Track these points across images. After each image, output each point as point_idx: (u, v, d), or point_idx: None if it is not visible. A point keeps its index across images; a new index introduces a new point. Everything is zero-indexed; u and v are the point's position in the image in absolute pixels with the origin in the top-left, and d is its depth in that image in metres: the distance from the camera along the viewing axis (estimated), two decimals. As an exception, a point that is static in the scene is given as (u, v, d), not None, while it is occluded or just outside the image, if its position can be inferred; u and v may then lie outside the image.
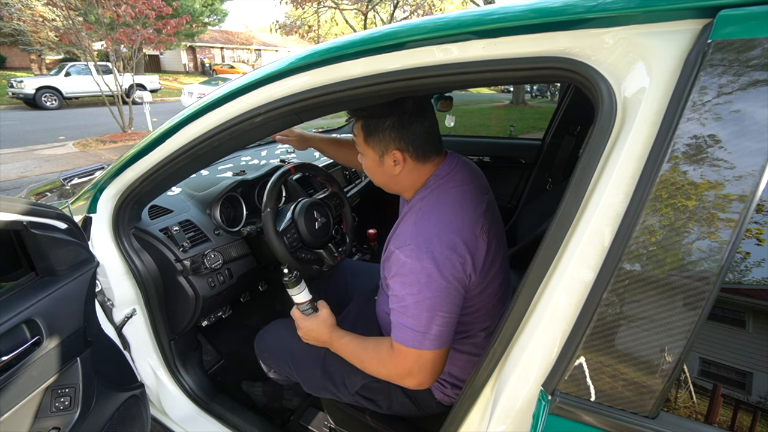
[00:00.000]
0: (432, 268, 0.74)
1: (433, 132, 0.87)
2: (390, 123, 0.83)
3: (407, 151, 0.85)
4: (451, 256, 0.76)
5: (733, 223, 0.44)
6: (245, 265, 1.42)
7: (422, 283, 0.75)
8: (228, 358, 1.58)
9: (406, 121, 0.83)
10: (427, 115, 0.85)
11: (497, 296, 0.89)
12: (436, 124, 0.88)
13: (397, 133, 0.84)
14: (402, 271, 0.77)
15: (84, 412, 0.94)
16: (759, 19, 0.42)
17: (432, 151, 0.88)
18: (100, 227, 1.12)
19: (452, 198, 0.84)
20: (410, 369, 0.78)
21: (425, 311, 0.75)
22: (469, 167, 0.95)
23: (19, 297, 0.83)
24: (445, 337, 0.77)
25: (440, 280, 0.75)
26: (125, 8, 7.08)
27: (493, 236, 0.87)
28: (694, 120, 0.45)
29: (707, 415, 0.49)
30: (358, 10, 14.07)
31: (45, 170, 5.64)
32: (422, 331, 0.75)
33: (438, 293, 0.75)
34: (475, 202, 0.86)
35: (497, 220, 0.94)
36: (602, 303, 0.50)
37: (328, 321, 0.97)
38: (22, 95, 11.28)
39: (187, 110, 0.91)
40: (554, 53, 0.55)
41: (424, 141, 0.85)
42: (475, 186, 0.90)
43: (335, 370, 1.05)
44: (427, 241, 0.76)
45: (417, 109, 0.83)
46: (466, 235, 0.79)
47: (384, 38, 0.66)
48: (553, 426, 0.54)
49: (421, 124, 0.84)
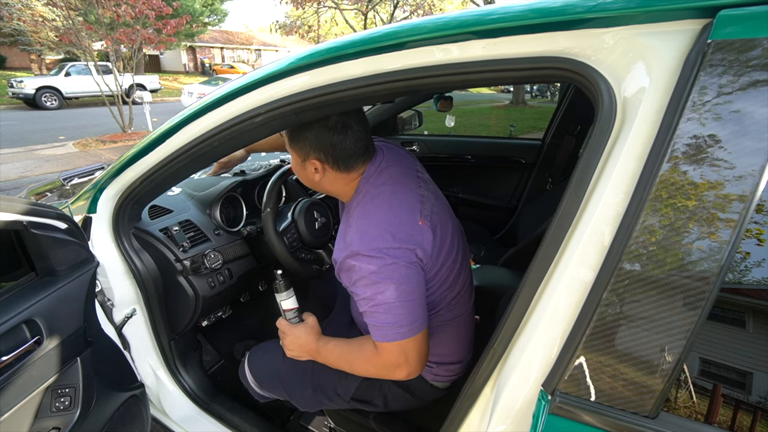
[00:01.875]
0: (386, 263, 0.76)
1: (357, 146, 0.86)
2: (311, 134, 0.84)
3: (327, 162, 0.86)
4: (399, 249, 0.78)
5: (733, 223, 0.44)
6: (245, 265, 1.41)
7: (382, 280, 0.76)
8: (228, 358, 1.58)
9: (326, 135, 0.83)
10: (350, 131, 0.84)
11: (455, 269, 0.91)
12: (363, 138, 0.86)
13: (317, 145, 0.84)
14: (359, 276, 0.78)
15: (84, 412, 0.94)
16: (759, 19, 0.42)
17: (357, 161, 0.87)
18: (100, 227, 1.12)
19: (386, 198, 0.85)
20: (397, 361, 0.80)
21: (395, 304, 0.76)
22: (396, 156, 0.95)
23: (19, 297, 0.83)
24: (420, 320, 0.79)
25: (398, 270, 0.76)
26: (125, 8, 7.08)
27: (436, 217, 0.89)
28: (694, 120, 0.45)
29: (707, 415, 0.49)
30: (358, 10, 14.06)
31: (45, 170, 5.64)
32: (398, 323, 0.76)
33: (400, 283, 0.76)
34: (409, 193, 0.87)
35: (438, 199, 0.96)
36: (602, 303, 0.50)
37: (315, 328, 0.98)
38: (22, 95, 11.29)
39: (187, 110, 0.91)
40: (554, 53, 0.55)
41: (347, 155, 0.85)
42: (406, 175, 0.91)
43: (325, 382, 1.05)
44: (372, 243, 0.78)
45: (340, 125, 0.83)
46: (407, 227, 0.81)
47: (384, 38, 0.66)
48: (553, 426, 0.54)
49: (343, 138, 0.84)
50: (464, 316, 0.97)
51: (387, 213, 0.82)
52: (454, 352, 0.98)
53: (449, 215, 0.97)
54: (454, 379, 1.01)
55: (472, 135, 3.57)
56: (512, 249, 1.53)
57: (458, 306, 0.94)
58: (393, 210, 0.83)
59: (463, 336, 0.99)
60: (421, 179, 0.95)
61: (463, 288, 0.96)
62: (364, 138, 0.87)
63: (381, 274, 0.76)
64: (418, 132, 2.81)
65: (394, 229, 0.79)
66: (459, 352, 0.99)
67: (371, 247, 0.77)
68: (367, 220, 0.82)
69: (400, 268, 0.77)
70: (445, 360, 0.98)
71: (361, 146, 0.86)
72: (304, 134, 0.84)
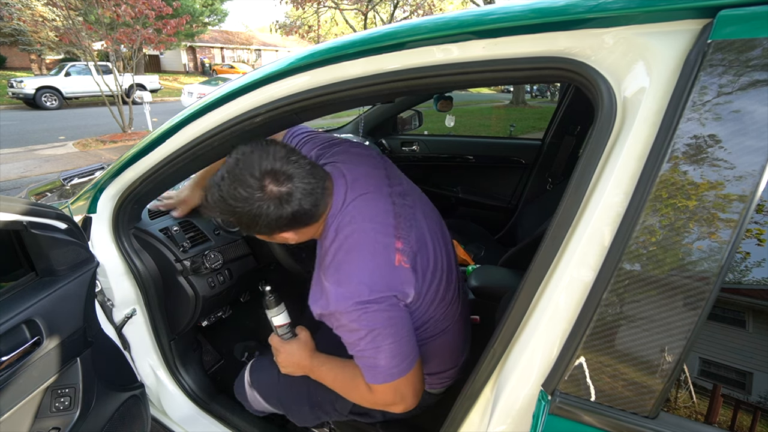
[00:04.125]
0: (366, 312, 0.72)
1: (314, 197, 0.75)
2: (262, 223, 0.73)
3: (293, 228, 0.78)
4: (378, 299, 0.73)
5: (733, 223, 0.44)
6: (245, 265, 1.41)
7: (365, 327, 0.72)
8: (228, 358, 1.58)
9: (276, 213, 0.72)
10: (295, 195, 0.71)
11: (441, 284, 0.87)
12: (312, 184, 0.74)
13: (275, 226, 0.75)
14: (343, 327, 0.75)
15: (84, 412, 0.94)
16: (759, 19, 0.42)
17: (319, 208, 0.78)
18: (100, 227, 1.12)
19: (356, 242, 0.77)
20: (392, 400, 0.77)
21: (382, 348, 0.73)
22: (359, 172, 0.85)
23: (19, 297, 0.83)
24: (411, 356, 0.76)
25: (379, 315, 0.73)
26: (125, 8, 7.08)
27: (415, 233, 0.83)
28: (694, 120, 0.45)
29: (707, 415, 0.49)
30: (358, 10, 14.06)
31: (45, 170, 5.64)
32: (388, 365, 0.73)
33: (384, 327, 0.73)
34: (381, 225, 0.79)
35: (414, 202, 0.89)
36: (602, 303, 0.50)
37: (309, 344, 0.94)
38: (22, 95, 11.29)
39: (187, 110, 0.90)
40: (554, 53, 0.55)
41: (309, 216, 0.76)
42: (375, 195, 0.83)
43: (323, 399, 1.02)
44: (349, 300, 0.73)
45: (284, 195, 0.71)
46: (384, 274, 0.75)
47: (384, 38, 0.66)
48: (553, 426, 0.54)
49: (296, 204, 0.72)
50: (454, 323, 0.94)
51: (359, 263, 0.75)
52: (446, 361, 0.96)
53: (429, 217, 0.92)
54: (449, 384, 1.00)
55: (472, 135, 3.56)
56: (512, 249, 1.53)
57: (448, 317, 0.91)
58: (365, 259, 0.76)
59: (455, 343, 0.96)
60: (393, 191, 0.87)
61: (453, 297, 0.92)
62: (313, 182, 0.74)
63: (362, 322, 0.72)
64: (418, 132, 2.81)
65: (369, 280, 0.74)
66: (451, 359, 0.97)
67: (348, 304, 0.72)
68: (340, 274, 0.76)
69: (382, 313, 0.73)
70: (439, 370, 0.95)
71: (317, 195, 0.75)
72: (255, 226, 0.74)
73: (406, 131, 2.71)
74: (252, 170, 0.69)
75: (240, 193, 0.69)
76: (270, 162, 0.70)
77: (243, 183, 0.69)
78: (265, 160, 0.70)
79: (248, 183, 0.69)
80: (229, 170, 0.71)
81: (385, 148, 2.63)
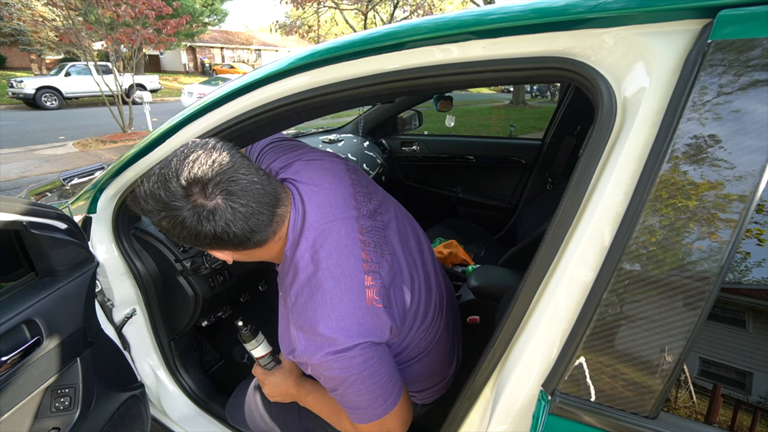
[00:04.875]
0: (338, 359, 0.66)
1: (250, 222, 0.64)
2: (183, 234, 0.63)
3: (227, 249, 0.69)
4: (352, 346, 0.66)
5: (733, 223, 0.44)
6: (245, 265, 1.41)
7: (342, 377, 0.67)
8: (228, 358, 1.58)
9: (195, 229, 0.62)
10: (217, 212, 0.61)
11: (421, 305, 0.83)
12: (253, 207, 0.63)
13: (196, 242, 0.66)
14: (317, 375, 0.70)
15: (84, 412, 0.94)
16: (759, 19, 0.42)
17: (263, 235, 0.67)
18: (100, 227, 1.12)
19: (320, 287, 0.68)
20: None
21: (363, 391, 0.68)
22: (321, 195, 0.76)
23: (19, 297, 0.83)
24: (394, 392, 0.71)
25: (355, 360, 0.66)
26: (125, 8, 7.08)
27: (388, 254, 0.77)
28: (694, 120, 0.45)
29: (707, 415, 0.49)
30: (358, 10, 14.06)
31: (45, 170, 5.64)
32: (370, 407, 0.69)
33: (362, 370, 0.67)
34: (347, 261, 0.70)
35: (384, 216, 0.82)
36: (602, 303, 0.50)
37: (294, 372, 0.91)
38: (22, 95, 11.29)
39: (187, 110, 0.90)
40: (554, 53, 0.55)
41: (240, 240, 0.65)
42: (340, 223, 0.74)
43: (315, 425, 0.98)
44: (319, 351, 0.66)
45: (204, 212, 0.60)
46: (356, 319, 0.68)
47: (384, 38, 0.66)
48: (553, 426, 0.54)
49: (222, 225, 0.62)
50: (438, 339, 0.88)
51: (327, 309, 0.67)
52: (433, 377, 0.91)
53: (402, 233, 0.86)
54: (442, 393, 0.97)
55: (472, 135, 3.56)
56: (512, 249, 1.53)
57: (429, 335, 0.85)
58: (332, 303, 0.67)
59: (440, 357, 0.90)
60: (360, 213, 0.79)
61: (434, 316, 0.87)
62: (254, 207, 0.63)
63: (336, 372, 0.66)
64: (418, 132, 2.81)
65: (339, 327, 0.66)
66: (439, 373, 0.92)
67: (318, 356, 0.66)
68: (304, 320, 0.67)
69: (357, 358, 0.66)
70: (428, 386, 0.91)
71: (255, 221, 0.64)
72: (175, 236, 0.64)
73: (406, 131, 2.71)
74: (180, 173, 0.59)
75: (160, 194, 0.60)
76: (206, 169, 0.60)
77: (167, 185, 0.59)
78: (203, 165, 0.60)
79: (172, 186, 0.59)
80: (162, 166, 0.62)
81: (385, 148, 2.64)
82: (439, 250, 1.86)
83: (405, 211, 0.96)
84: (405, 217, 0.93)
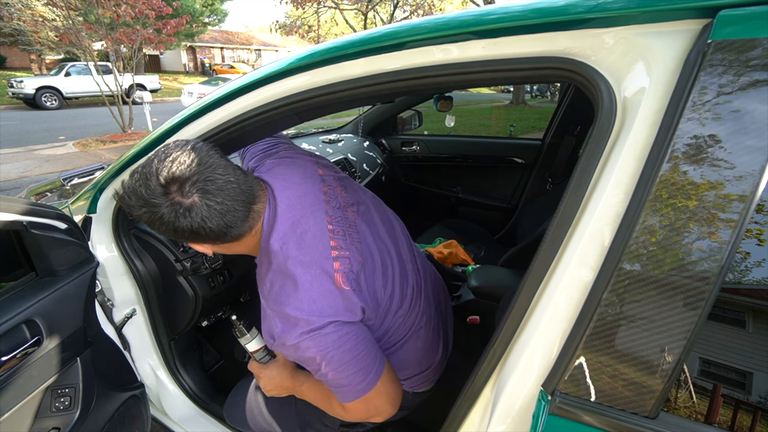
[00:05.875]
0: (313, 337, 0.69)
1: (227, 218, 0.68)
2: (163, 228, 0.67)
3: (205, 242, 0.73)
4: (325, 325, 0.70)
5: (733, 223, 0.44)
6: (245, 265, 1.42)
7: (318, 354, 0.70)
8: (228, 358, 1.58)
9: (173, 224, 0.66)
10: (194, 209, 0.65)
11: (396, 289, 0.85)
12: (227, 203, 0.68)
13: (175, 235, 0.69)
14: (297, 357, 0.73)
15: (84, 412, 0.95)
16: (759, 19, 0.42)
17: (239, 229, 0.72)
18: (100, 227, 1.12)
19: (291, 273, 0.73)
20: (367, 414, 0.76)
21: (341, 368, 0.70)
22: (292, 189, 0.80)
23: (19, 297, 0.83)
24: (376, 367, 0.74)
25: (330, 338, 0.70)
26: (125, 8, 7.08)
27: (357, 245, 0.80)
28: (694, 120, 0.45)
29: (707, 415, 0.49)
30: (358, 10, 14.06)
31: (45, 170, 5.64)
32: (352, 383, 0.72)
33: (339, 346, 0.70)
34: (316, 249, 0.75)
35: (356, 207, 0.86)
36: (602, 303, 0.50)
37: (288, 364, 0.93)
38: (22, 95, 11.29)
39: (187, 110, 0.90)
40: (554, 53, 0.55)
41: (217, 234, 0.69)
42: (310, 212, 0.79)
43: (312, 417, 1.01)
44: (293, 331, 0.70)
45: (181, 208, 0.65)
46: (327, 300, 0.72)
47: (384, 38, 0.66)
48: (553, 426, 0.54)
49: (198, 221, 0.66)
50: (418, 327, 0.91)
51: (299, 292, 0.71)
52: (419, 363, 0.93)
53: (375, 225, 0.90)
54: (434, 379, 0.99)
55: (472, 135, 3.56)
56: (512, 249, 1.53)
57: (408, 323, 0.88)
58: (303, 287, 0.72)
59: (424, 344, 0.93)
60: (330, 205, 0.83)
61: (411, 303, 0.89)
62: (229, 204, 0.68)
63: (313, 350, 0.69)
64: (418, 132, 2.81)
65: (311, 308, 0.70)
66: (425, 358, 0.94)
67: (293, 336, 0.70)
68: (278, 305, 0.72)
69: (330, 335, 0.70)
70: (416, 372, 0.93)
71: (231, 217, 0.69)
72: (156, 228, 0.68)
73: (406, 131, 2.71)
74: (160, 173, 0.64)
75: (141, 192, 0.65)
76: (184, 169, 0.64)
77: (147, 183, 0.64)
78: (181, 165, 0.64)
79: (152, 184, 0.64)
80: (144, 165, 0.67)
81: (385, 148, 2.64)
82: (439, 250, 1.86)
83: (381, 203, 1.00)
84: (379, 208, 0.96)
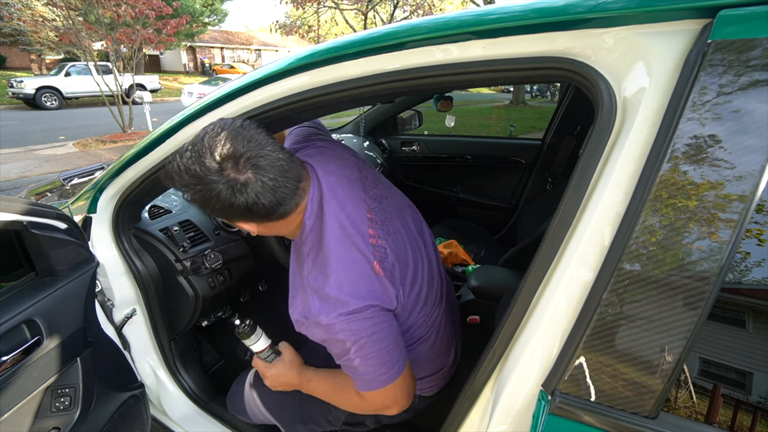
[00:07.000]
0: (350, 321, 0.70)
1: (277, 195, 0.68)
2: (217, 206, 0.67)
3: (253, 221, 0.73)
4: (362, 308, 0.71)
5: (733, 223, 0.44)
6: (245, 265, 1.42)
7: (350, 338, 0.71)
8: (228, 358, 1.58)
9: (229, 201, 0.66)
10: (250, 186, 0.65)
11: (422, 287, 0.86)
12: (279, 180, 0.68)
13: (230, 213, 0.69)
14: (324, 338, 0.74)
15: (84, 412, 0.95)
16: (759, 19, 0.42)
17: (287, 207, 0.72)
18: (100, 227, 1.12)
19: (334, 253, 0.74)
20: (385, 403, 0.77)
21: (369, 356, 0.71)
22: (334, 176, 0.82)
23: (19, 297, 0.83)
24: (400, 360, 0.75)
25: (365, 323, 0.71)
26: (125, 8, 7.08)
27: (392, 238, 0.82)
28: (694, 120, 0.45)
29: (707, 415, 0.49)
30: (358, 10, 14.05)
31: (45, 170, 5.64)
32: (377, 372, 0.72)
33: (371, 334, 0.71)
34: (357, 233, 0.77)
35: (389, 201, 0.87)
36: (602, 303, 0.50)
37: (295, 362, 0.92)
38: (22, 95, 11.28)
39: (187, 110, 0.90)
40: (554, 53, 0.55)
41: (267, 211, 0.69)
42: (350, 198, 0.80)
43: (315, 412, 1.01)
44: (332, 311, 0.71)
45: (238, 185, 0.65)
46: (365, 283, 0.73)
47: (384, 38, 0.66)
48: (553, 426, 0.54)
49: (253, 198, 0.66)
50: (436, 327, 0.92)
51: (341, 272, 0.73)
52: (432, 365, 0.94)
53: (407, 221, 0.91)
54: (442, 385, 0.99)
55: (472, 135, 3.56)
56: (512, 249, 1.53)
57: (429, 322, 0.89)
58: (345, 268, 0.73)
59: (439, 346, 0.93)
60: (368, 195, 0.85)
61: (435, 302, 0.91)
62: (281, 180, 0.68)
63: (347, 333, 0.70)
64: (418, 132, 2.81)
65: (352, 290, 0.72)
66: (437, 362, 0.95)
67: (332, 316, 0.70)
68: (320, 284, 0.73)
69: (367, 321, 0.71)
70: (428, 373, 0.94)
71: (281, 193, 0.69)
72: (209, 207, 0.68)
73: (406, 131, 2.71)
74: (214, 150, 0.64)
75: (195, 169, 0.64)
76: (237, 146, 0.64)
77: (201, 160, 0.64)
78: (234, 142, 0.65)
79: (206, 161, 0.64)
80: (194, 143, 0.66)
81: (385, 148, 2.64)
82: (439, 250, 1.86)
83: (410, 202, 1.00)
84: (409, 207, 0.97)
